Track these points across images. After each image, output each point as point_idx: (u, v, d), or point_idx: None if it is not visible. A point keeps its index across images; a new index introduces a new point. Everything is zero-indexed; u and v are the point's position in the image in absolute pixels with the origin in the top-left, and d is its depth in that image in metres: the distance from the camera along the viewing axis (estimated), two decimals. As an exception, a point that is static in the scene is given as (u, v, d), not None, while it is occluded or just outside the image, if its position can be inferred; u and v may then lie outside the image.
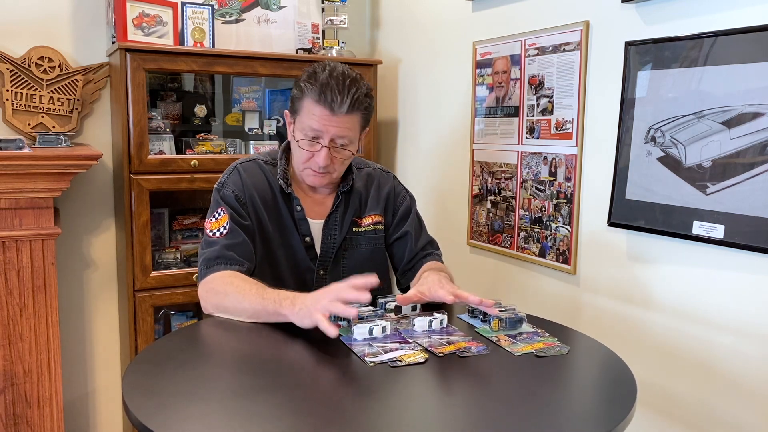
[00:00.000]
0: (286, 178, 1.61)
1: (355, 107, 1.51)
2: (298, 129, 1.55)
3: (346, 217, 1.65)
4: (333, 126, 1.51)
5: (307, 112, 1.51)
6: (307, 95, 1.51)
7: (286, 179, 1.61)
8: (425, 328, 1.36)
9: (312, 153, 1.54)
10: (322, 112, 1.50)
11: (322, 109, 1.49)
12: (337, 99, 1.48)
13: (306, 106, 1.52)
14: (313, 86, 1.50)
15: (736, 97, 1.45)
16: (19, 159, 1.86)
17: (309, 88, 1.50)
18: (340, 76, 1.51)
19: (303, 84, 1.52)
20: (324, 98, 1.48)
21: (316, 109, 1.50)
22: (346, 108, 1.49)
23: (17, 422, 1.99)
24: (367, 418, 1.01)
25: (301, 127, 1.54)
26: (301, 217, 1.61)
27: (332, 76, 1.50)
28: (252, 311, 1.38)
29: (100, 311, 2.54)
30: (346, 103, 1.49)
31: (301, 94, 1.53)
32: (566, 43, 1.90)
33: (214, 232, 1.54)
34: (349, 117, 1.51)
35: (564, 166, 1.93)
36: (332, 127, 1.51)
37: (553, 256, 1.99)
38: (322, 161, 1.53)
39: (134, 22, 2.23)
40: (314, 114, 1.50)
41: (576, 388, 1.18)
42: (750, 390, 1.49)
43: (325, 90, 1.48)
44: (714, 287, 1.55)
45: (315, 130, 1.51)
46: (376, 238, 1.69)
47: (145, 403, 1.02)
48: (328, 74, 1.50)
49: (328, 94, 1.48)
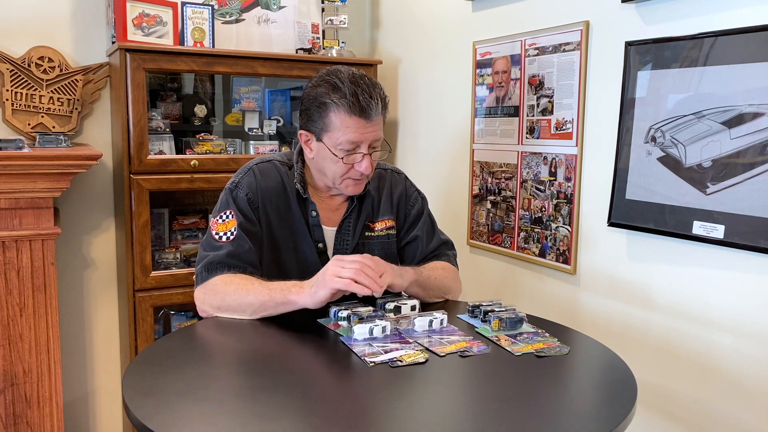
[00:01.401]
0: (303, 183, 1.59)
1: (384, 107, 1.51)
2: (331, 145, 1.49)
3: (359, 222, 1.63)
4: (370, 133, 1.48)
5: (340, 126, 1.47)
6: (337, 109, 1.46)
7: (303, 183, 1.58)
8: (425, 328, 1.36)
9: (352, 165, 1.51)
10: (358, 122, 1.46)
11: (357, 120, 1.46)
12: (370, 105, 1.45)
13: (338, 121, 1.47)
14: (342, 99, 1.45)
15: (736, 97, 1.45)
16: (19, 159, 1.86)
17: (337, 102, 1.45)
18: (360, 80, 1.47)
19: (326, 99, 1.47)
20: (358, 108, 1.45)
21: (351, 120, 1.46)
22: (379, 111, 1.48)
23: (17, 422, 1.99)
24: (368, 418, 1.01)
25: (334, 143, 1.48)
26: (315, 222, 1.58)
27: (355, 84, 1.46)
28: (258, 304, 1.38)
29: (100, 311, 2.54)
30: (378, 106, 1.47)
31: (325, 109, 1.48)
32: (566, 43, 1.90)
33: (220, 236, 1.51)
34: (378, 118, 1.50)
35: (564, 166, 1.93)
36: (369, 134, 1.48)
37: (553, 256, 1.99)
38: (367, 170, 1.50)
39: (134, 22, 2.23)
40: (349, 126, 1.46)
41: (576, 388, 1.18)
42: (750, 390, 1.49)
43: (357, 100, 1.44)
44: (714, 287, 1.55)
45: (354, 142, 1.47)
46: (389, 242, 1.67)
47: (145, 403, 1.03)
48: (349, 83, 1.46)
49: (361, 103, 1.44)
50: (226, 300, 1.42)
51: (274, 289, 1.36)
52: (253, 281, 1.42)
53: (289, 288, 1.35)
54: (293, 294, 1.34)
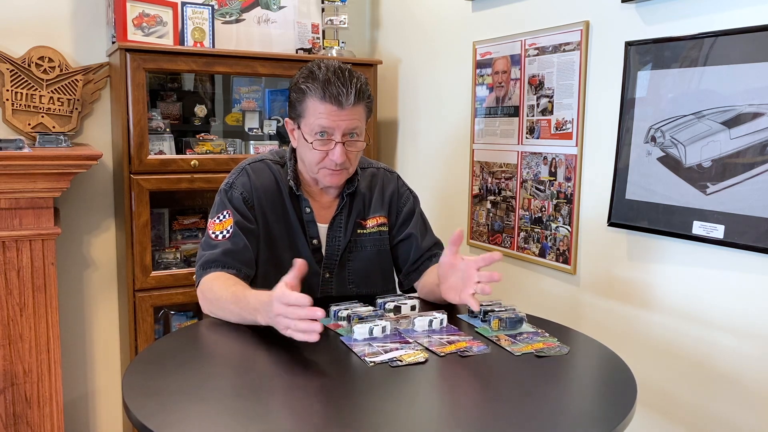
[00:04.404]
0: (296, 179, 1.60)
1: (360, 97, 1.50)
2: (306, 131, 1.52)
3: (351, 219, 1.64)
4: (343, 120, 1.49)
5: (314, 112, 1.50)
6: (310, 95, 1.49)
7: (296, 180, 1.60)
8: (425, 327, 1.36)
9: (326, 152, 1.52)
10: (329, 108, 1.48)
11: (329, 106, 1.48)
12: (342, 92, 1.47)
13: (311, 107, 1.50)
14: (315, 85, 1.48)
15: (736, 97, 1.45)
16: (19, 159, 1.86)
17: (311, 88, 1.49)
18: (338, 70, 1.50)
19: (303, 85, 1.50)
20: (330, 94, 1.47)
21: (323, 106, 1.48)
22: (352, 99, 1.48)
23: (17, 422, 1.99)
24: (368, 418, 1.01)
25: (309, 129, 1.51)
26: (309, 219, 1.60)
27: (331, 72, 1.49)
28: (235, 319, 1.39)
29: (100, 311, 2.54)
30: (352, 94, 1.48)
31: (302, 95, 1.51)
32: (566, 43, 1.90)
33: (216, 234, 1.53)
34: (355, 108, 1.50)
35: (564, 166, 1.93)
36: (342, 121, 1.49)
37: (553, 256, 1.99)
38: (338, 157, 1.51)
39: (134, 22, 2.23)
40: (321, 112, 1.49)
41: (576, 388, 1.18)
42: (750, 390, 1.49)
43: (329, 86, 1.47)
44: (714, 287, 1.55)
45: (325, 127, 1.49)
46: (381, 239, 1.68)
47: (145, 403, 1.02)
48: (326, 70, 1.49)
49: (333, 89, 1.47)
50: (213, 308, 1.45)
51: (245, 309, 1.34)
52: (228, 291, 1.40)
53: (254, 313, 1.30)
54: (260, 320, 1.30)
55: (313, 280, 1.60)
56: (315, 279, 1.60)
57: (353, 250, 1.65)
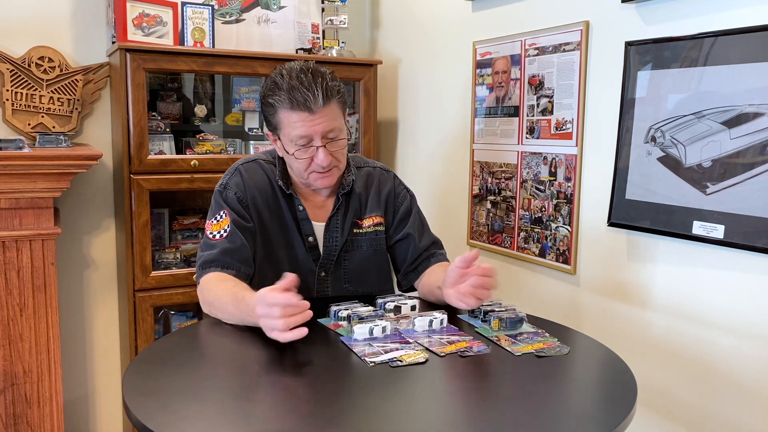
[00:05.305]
0: (285, 179, 1.61)
1: (329, 96, 1.49)
2: (286, 142, 1.52)
3: (347, 218, 1.65)
4: (318, 124, 1.48)
5: (287, 123, 1.49)
6: (279, 107, 1.49)
7: (285, 180, 1.61)
8: (425, 328, 1.36)
9: (310, 158, 1.52)
10: (301, 116, 1.47)
11: (300, 114, 1.47)
12: (309, 97, 1.46)
13: (283, 118, 1.50)
14: (281, 95, 1.47)
15: (736, 97, 1.45)
16: (19, 159, 1.86)
17: (278, 100, 1.48)
18: (301, 74, 1.48)
19: (270, 99, 1.50)
20: (297, 102, 1.46)
21: (294, 115, 1.48)
22: (321, 101, 1.47)
23: (17, 422, 1.99)
24: (368, 418, 1.01)
25: (288, 140, 1.51)
26: (303, 216, 1.61)
27: (294, 78, 1.47)
28: (235, 320, 1.39)
29: (100, 311, 2.54)
30: (320, 96, 1.46)
31: (272, 109, 1.51)
32: (566, 43, 1.90)
33: (214, 234, 1.54)
34: (327, 108, 1.49)
35: (564, 166, 1.93)
36: (317, 125, 1.48)
37: (553, 256, 1.99)
38: (323, 161, 1.51)
39: (134, 22, 2.23)
40: (295, 121, 1.48)
41: (576, 388, 1.18)
42: (750, 390, 1.49)
43: (294, 93, 1.46)
44: (714, 287, 1.55)
45: (303, 136, 1.49)
46: (377, 239, 1.68)
47: (145, 403, 1.03)
48: (288, 77, 1.48)
49: (299, 96, 1.45)
50: (212, 310, 1.45)
51: (243, 311, 1.34)
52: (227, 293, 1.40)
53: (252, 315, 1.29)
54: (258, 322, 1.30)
55: (309, 279, 1.61)
56: (311, 277, 1.61)
57: (350, 250, 1.65)
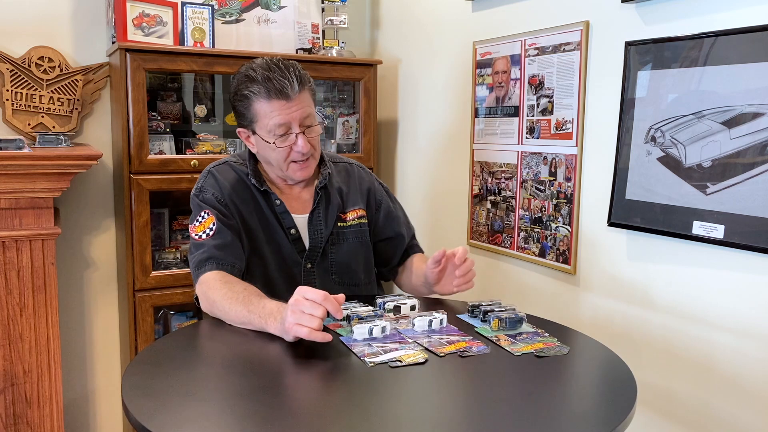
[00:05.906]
0: (257, 177, 1.62)
1: (303, 83, 1.53)
2: (264, 134, 1.54)
3: (329, 211, 1.66)
4: (295, 111, 1.51)
5: (265, 113, 1.52)
6: (255, 98, 1.51)
7: (258, 177, 1.62)
8: (425, 328, 1.36)
9: (290, 147, 1.54)
10: (279, 104, 1.50)
11: (277, 102, 1.50)
12: (286, 84, 1.49)
13: (260, 109, 1.52)
14: (256, 86, 1.50)
15: (736, 97, 1.45)
16: (19, 159, 1.86)
17: (254, 91, 1.50)
18: (273, 64, 1.52)
19: (245, 92, 1.52)
20: (274, 90, 1.49)
21: (272, 104, 1.50)
22: (297, 87, 1.50)
23: (17, 422, 1.99)
24: (367, 418, 1.01)
25: (266, 131, 1.53)
26: (282, 210, 1.61)
27: (267, 69, 1.51)
28: (239, 322, 1.38)
29: (100, 311, 2.54)
30: (295, 82, 1.50)
31: (247, 101, 1.53)
32: (566, 43, 1.90)
33: (200, 235, 1.54)
34: (302, 95, 1.53)
35: (564, 166, 1.93)
36: (295, 112, 1.51)
37: (553, 256, 1.99)
38: (304, 148, 1.54)
39: (134, 22, 2.23)
40: (273, 110, 1.51)
41: (576, 388, 1.18)
42: (750, 390, 1.49)
43: (270, 82, 1.49)
44: (714, 287, 1.55)
45: (282, 125, 1.51)
46: (362, 231, 1.70)
47: (145, 404, 1.03)
48: (261, 69, 1.51)
49: (276, 84, 1.48)
50: (214, 310, 1.44)
51: (254, 313, 1.34)
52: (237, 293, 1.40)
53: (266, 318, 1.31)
54: (270, 327, 1.30)
55: (294, 270, 1.62)
56: (296, 269, 1.62)
57: (335, 243, 1.66)
